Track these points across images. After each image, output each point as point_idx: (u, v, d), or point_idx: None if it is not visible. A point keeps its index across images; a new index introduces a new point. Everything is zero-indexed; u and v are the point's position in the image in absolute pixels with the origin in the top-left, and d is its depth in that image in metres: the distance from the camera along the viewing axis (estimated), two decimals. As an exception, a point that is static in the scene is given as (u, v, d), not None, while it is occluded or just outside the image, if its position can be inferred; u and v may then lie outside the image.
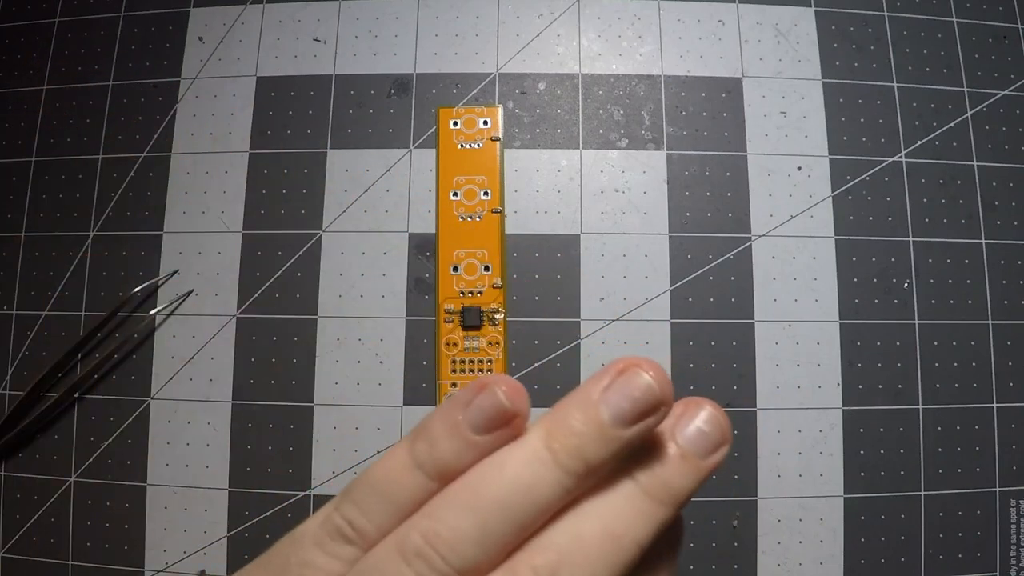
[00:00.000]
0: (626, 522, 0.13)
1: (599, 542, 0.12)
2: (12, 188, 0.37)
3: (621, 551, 0.12)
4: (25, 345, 0.36)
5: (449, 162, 0.36)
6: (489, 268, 0.35)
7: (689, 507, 0.34)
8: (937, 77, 0.37)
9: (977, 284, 0.36)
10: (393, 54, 0.38)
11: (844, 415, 0.35)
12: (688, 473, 0.13)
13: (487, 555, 0.12)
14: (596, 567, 0.12)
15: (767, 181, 0.36)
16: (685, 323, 0.35)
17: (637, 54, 0.38)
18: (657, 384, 0.13)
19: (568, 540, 0.12)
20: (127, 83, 0.38)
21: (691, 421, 0.14)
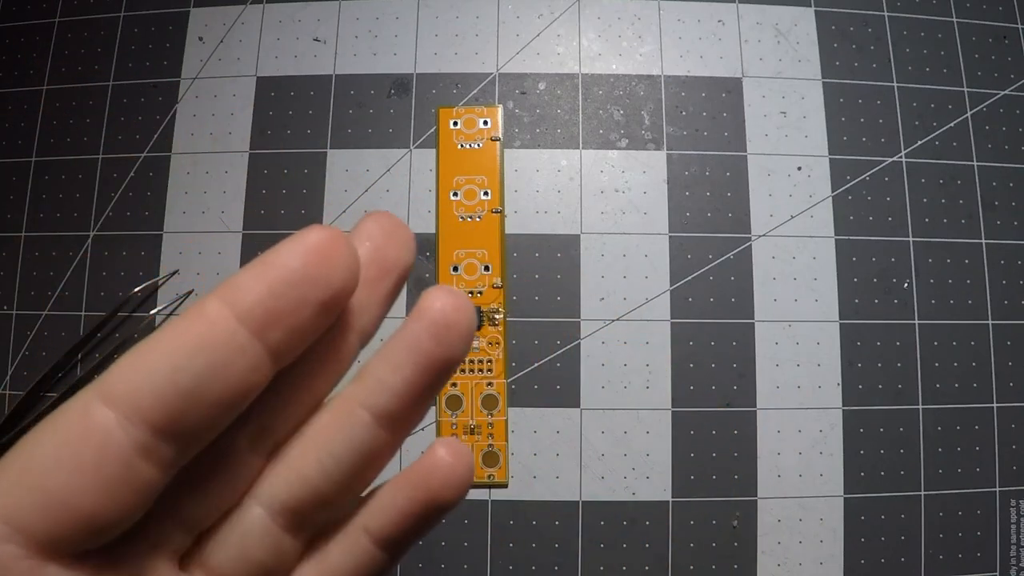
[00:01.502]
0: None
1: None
2: (12, 188, 0.37)
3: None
4: (25, 345, 0.36)
5: (449, 162, 0.36)
6: (489, 268, 0.35)
7: (689, 507, 0.34)
8: (937, 77, 0.37)
9: (977, 284, 0.36)
10: (393, 54, 0.38)
11: (844, 415, 0.35)
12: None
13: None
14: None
15: (767, 181, 0.36)
16: (685, 323, 0.35)
17: (637, 54, 0.38)
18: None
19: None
20: (127, 83, 0.38)
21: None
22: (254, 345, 0.11)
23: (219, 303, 0.11)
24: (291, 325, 0.11)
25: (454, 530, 0.34)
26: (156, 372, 0.10)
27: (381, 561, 0.14)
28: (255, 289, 0.11)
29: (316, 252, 0.11)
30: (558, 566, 0.33)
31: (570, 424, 0.34)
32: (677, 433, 0.34)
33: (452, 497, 0.13)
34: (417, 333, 0.12)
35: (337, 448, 0.13)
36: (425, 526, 0.13)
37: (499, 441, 0.34)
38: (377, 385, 0.12)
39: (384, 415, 0.12)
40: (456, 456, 0.13)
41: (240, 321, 0.11)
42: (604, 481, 0.34)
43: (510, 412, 0.34)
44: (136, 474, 0.11)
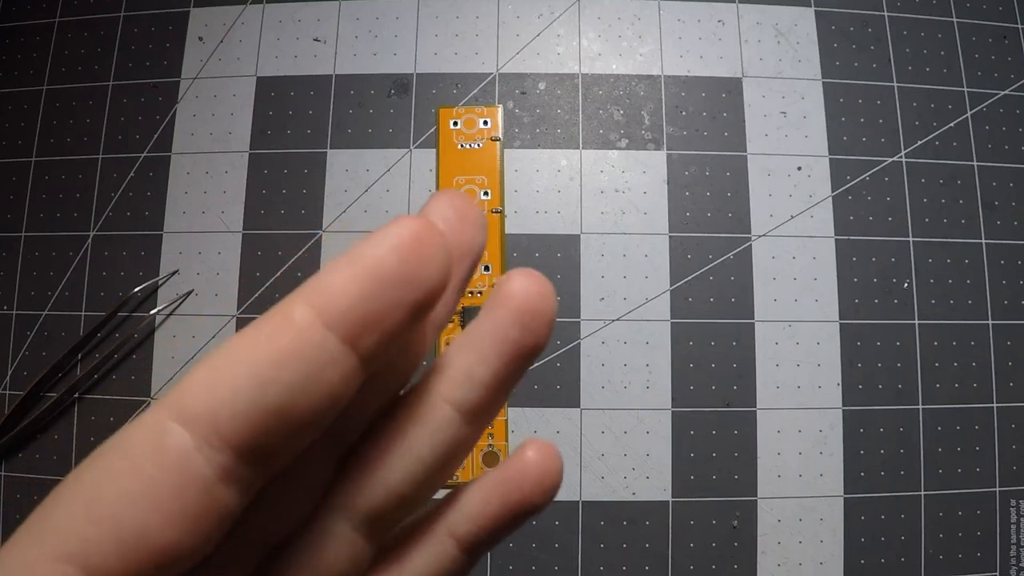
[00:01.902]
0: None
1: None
2: (12, 188, 0.37)
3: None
4: (25, 345, 0.36)
5: (449, 162, 0.36)
6: (489, 268, 0.35)
7: (689, 507, 0.34)
8: (937, 77, 0.37)
9: (977, 284, 0.36)
10: (393, 54, 0.38)
11: (844, 415, 0.35)
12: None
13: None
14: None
15: (767, 181, 0.36)
16: (685, 323, 0.35)
17: (637, 54, 0.38)
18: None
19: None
20: (127, 83, 0.38)
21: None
22: (346, 354, 0.10)
23: (306, 307, 0.10)
24: (385, 330, 0.10)
25: (454, 530, 0.34)
26: (239, 388, 0.09)
27: (462, 564, 0.13)
28: (347, 292, 0.09)
29: (411, 248, 0.10)
30: (558, 566, 0.33)
31: (570, 424, 0.34)
32: (677, 433, 0.34)
33: (544, 500, 0.12)
34: (502, 322, 0.11)
35: (422, 449, 0.12)
36: (512, 530, 0.13)
37: (499, 441, 0.34)
38: (463, 378, 0.12)
39: (470, 409, 0.12)
40: (547, 458, 0.12)
41: (330, 328, 0.09)
42: (604, 481, 0.34)
43: (510, 412, 0.34)
44: (217, 501, 0.10)
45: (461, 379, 0.12)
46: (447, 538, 0.13)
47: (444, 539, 0.13)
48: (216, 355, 0.10)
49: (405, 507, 0.12)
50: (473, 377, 0.12)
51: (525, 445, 0.12)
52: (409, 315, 0.10)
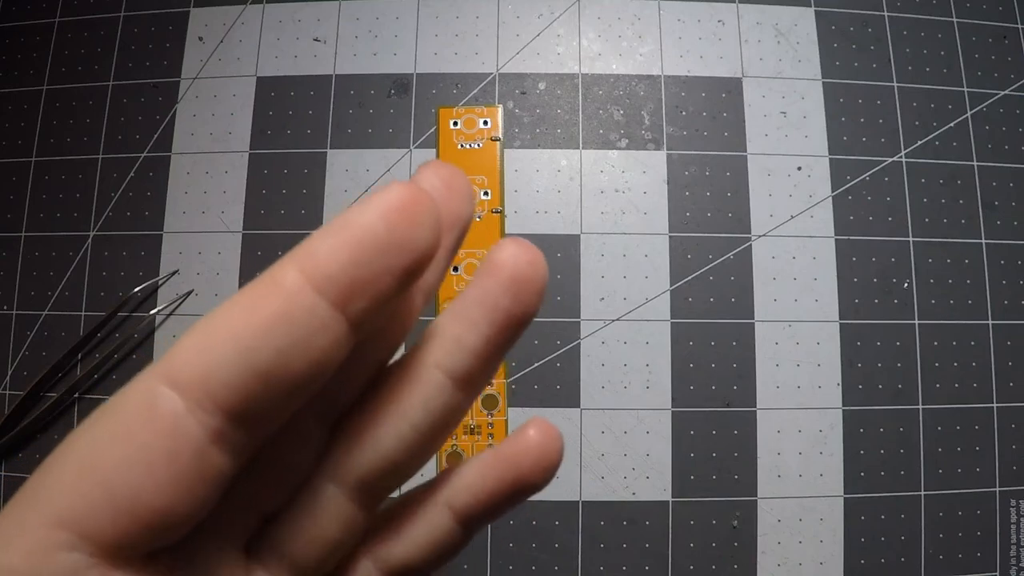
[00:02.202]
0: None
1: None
2: (12, 188, 0.37)
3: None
4: (25, 345, 0.36)
5: (449, 162, 0.36)
6: (489, 268, 0.35)
7: (689, 507, 0.34)
8: (937, 77, 0.37)
9: (977, 284, 0.36)
10: (393, 54, 0.38)
11: (844, 415, 0.35)
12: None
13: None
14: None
15: (767, 181, 0.36)
16: (685, 323, 0.35)
17: (637, 54, 0.38)
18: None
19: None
20: (127, 83, 0.38)
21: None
22: (335, 319, 0.10)
23: (296, 272, 0.10)
24: (374, 294, 0.10)
25: (454, 530, 0.34)
26: (229, 352, 0.09)
27: (458, 537, 0.13)
28: (336, 256, 0.10)
29: (400, 212, 0.10)
30: (558, 566, 0.33)
31: (570, 424, 0.34)
32: (677, 433, 0.34)
33: (543, 479, 0.13)
34: (492, 290, 0.11)
35: (415, 414, 0.12)
36: (508, 507, 0.13)
37: (499, 441, 0.34)
38: (453, 345, 0.12)
39: (461, 375, 0.12)
40: (547, 438, 0.12)
41: (320, 292, 0.10)
42: (604, 481, 0.34)
43: (510, 412, 0.34)
44: (210, 464, 0.10)
45: (452, 346, 0.12)
46: (445, 510, 0.13)
47: (442, 511, 0.13)
48: (207, 320, 0.10)
49: (397, 474, 0.12)
50: (464, 344, 0.12)
51: (528, 424, 0.13)
52: (398, 280, 0.10)
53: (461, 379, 0.12)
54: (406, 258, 0.10)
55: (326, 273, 0.10)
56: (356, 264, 0.10)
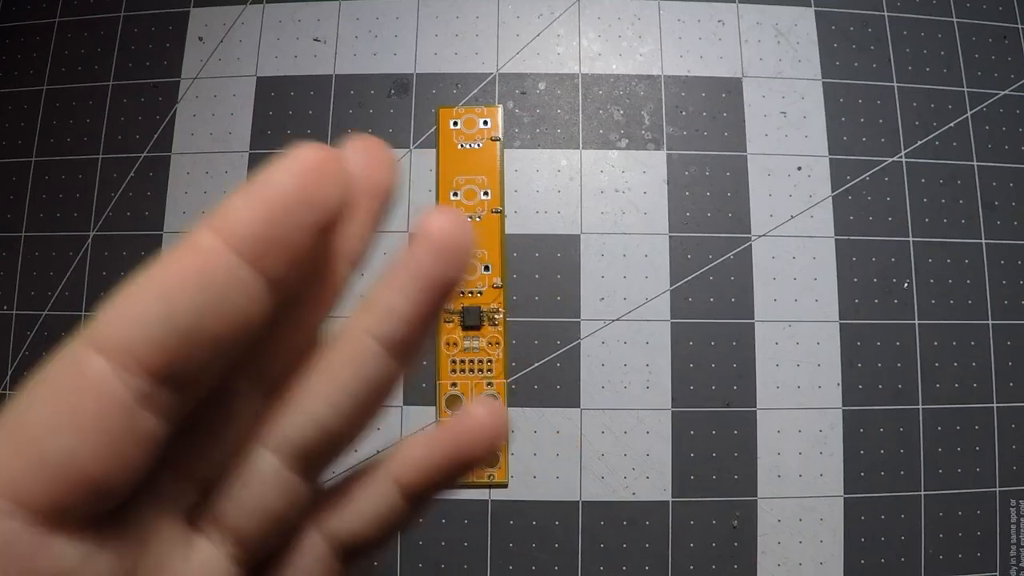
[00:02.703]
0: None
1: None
2: (12, 188, 0.37)
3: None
4: (25, 345, 0.36)
5: (449, 162, 0.36)
6: (489, 268, 0.35)
7: (689, 507, 0.34)
8: (937, 77, 0.37)
9: (977, 284, 0.36)
10: (393, 54, 0.38)
11: (844, 415, 0.35)
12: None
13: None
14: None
15: (767, 181, 0.36)
16: (685, 323, 0.35)
17: (637, 54, 0.38)
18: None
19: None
20: (127, 83, 0.38)
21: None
22: (252, 276, 0.10)
23: (212, 234, 0.10)
24: (289, 252, 0.10)
25: (454, 530, 0.34)
26: (150, 314, 0.10)
27: (405, 511, 0.13)
28: (249, 216, 0.10)
29: (310, 172, 0.10)
30: (558, 566, 0.33)
31: (570, 424, 0.34)
32: (677, 433, 0.34)
33: (485, 455, 0.13)
34: (420, 257, 0.12)
35: (348, 381, 0.12)
36: (454, 482, 0.13)
37: (499, 441, 0.34)
38: (385, 312, 0.12)
39: (394, 342, 0.12)
40: (493, 417, 0.13)
41: (236, 252, 0.10)
42: (604, 481, 0.34)
43: (510, 412, 0.34)
44: (139, 426, 0.10)
45: (383, 313, 0.12)
46: (391, 484, 0.13)
47: (388, 484, 0.13)
48: (129, 286, 0.10)
49: (334, 443, 0.13)
50: (394, 310, 0.12)
51: (474, 403, 0.13)
52: (311, 236, 0.10)
53: (393, 345, 0.12)
54: (317, 214, 0.10)
55: (240, 232, 0.10)
56: (268, 222, 0.10)
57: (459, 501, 0.34)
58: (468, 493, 0.34)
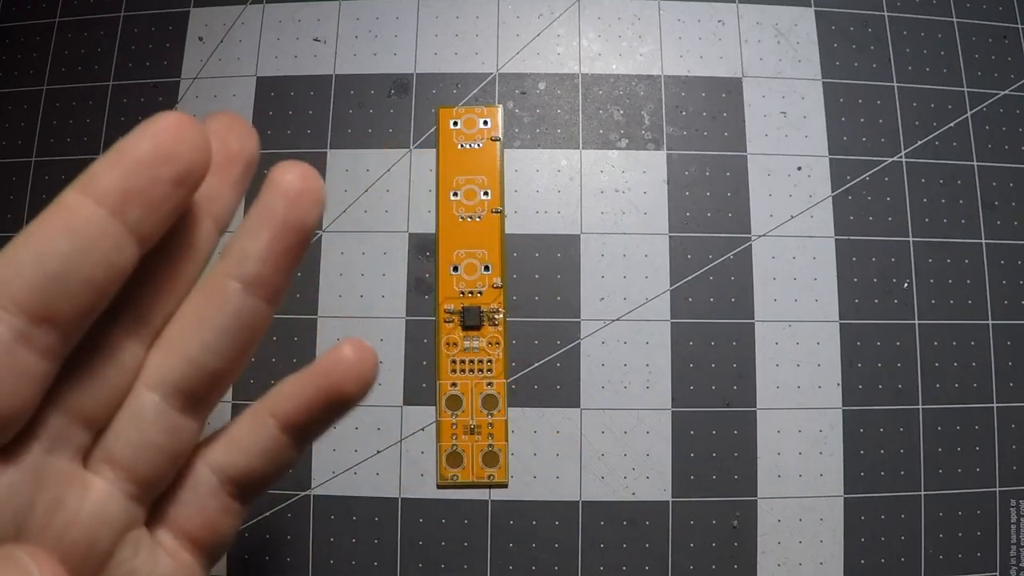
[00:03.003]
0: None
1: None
2: (12, 188, 0.37)
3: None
4: (25, 345, 0.36)
5: (449, 162, 0.36)
6: (489, 268, 0.35)
7: (689, 507, 0.34)
8: (937, 77, 0.37)
9: (977, 284, 0.36)
10: (393, 54, 0.38)
11: (844, 415, 0.35)
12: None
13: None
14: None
15: (767, 181, 0.36)
16: (685, 323, 0.35)
17: (637, 54, 0.38)
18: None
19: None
20: (127, 83, 0.38)
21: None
22: (114, 224, 0.11)
23: (76, 193, 0.11)
24: (148, 202, 0.11)
25: (454, 530, 0.34)
26: (24, 260, 0.11)
27: (286, 446, 0.14)
28: (109, 173, 0.11)
29: (165, 133, 0.11)
30: (558, 566, 0.33)
31: (570, 424, 0.34)
32: (677, 433, 0.34)
33: (355, 391, 0.14)
34: (270, 202, 0.14)
35: (214, 320, 0.13)
36: (328, 417, 0.14)
37: (499, 441, 0.34)
38: (240, 254, 0.13)
39: (252, 281, 0.13)
40: (360, 352, 0.14)
41: (98, 204, 0.11)
42: (604, 481, 0.34)
43: (510, 412, 0.34)
44: (21, 363, 0.11)
45: (239, 255, 0.13)
46: (269, 418, 0.14)
47: (266, 419, 0.14)
48: (7, 244, 0.11)
49: (209, 379, 0.14)
50: (247, 252, 0.13)
51: (343, 341, 0.14)
52: (167, 187, 0.12)
53: (251, 284, 0.13)
54: (173, 168, 0.12)
55: (101, 187, 0.11)
56: (127, 176, 0.11)
57: (459, 501, 0.34)
58: (468, 493, 0.34)
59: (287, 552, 0.34)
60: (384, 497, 0.34)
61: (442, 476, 0.34)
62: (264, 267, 0.13)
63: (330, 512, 0.34)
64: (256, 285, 0.13)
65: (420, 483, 0.34)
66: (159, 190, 0.11)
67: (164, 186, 0.11)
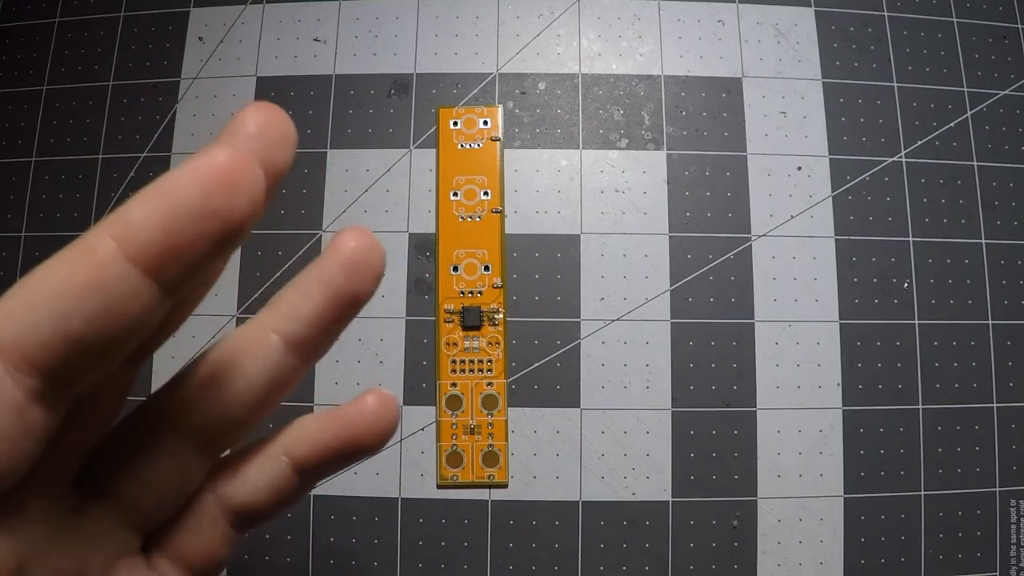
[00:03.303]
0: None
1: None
2: (12, 188, 0.37)
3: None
4: (25, 345, 0.36)
5: (449, 162, 0.36)
6: (489, 268, 0.35)
7: (689, 507, 0.34)
8: (937, 77, 0.37)
9: (977, 284, 0.36)
10: (393, 54, 0.38)
11: (844, 415, 0.35)
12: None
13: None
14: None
15: (767, 181, 0.36)
16: (685, 323, 0.35)
17: (637, 54, 0.38)
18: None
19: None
20: (127, 83, 0.38)
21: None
22: (148, 285, 0.10)
23: (109, 240, 0.10)
24: (187, 262, 0.10)
25: (454, 530, 0.34)
26: (44, 318, 0.10)
27: (295, 485, 0.14)
28: (149, 225, 0.09)
29: (218, 181, 0.10)
30: (558, 566, 0.33)
31: (570, 424, 0.34)
32: (677, 433, 0.34)
33: (373, 443, 0.14)
34: (330, 268, 0.13)
35: (249, 372, 0.13)
36: (342, 463, 0.14)
37: (499, 441, 0.34)
38: (290, 312, 0.13)
39: (295, 341, 0.13)
40: (382, 406, 0.14)
41: (132, 261, 0.10)
42: (604, 481, 0.34)
43: (510, 412, 0.34)
44: (30, 421, 0.10)
45: (288, 313, 0.13)
46: (282, 457, 0.14)
47: (279, 457, 0.14)
48: (24, 285, 0.10)
49: (234, 429, 0.13)
50: (298, 312, 0.13)
51: (367, 392, 0.14)
52: (213, 247, 0.10)
53: (294, 344, 0.13)
54: (222, 226, 0.10)
55: (139, 242, 0.10)
56: (169, 233, 0.10)
57: (459, 501, 0.34)
58: (468, 493, 0.34)
59: (287, 552, 0.34)
60: (384, 497, 0.34)
61: (442, 476, 0.34)
62: (310, 330, 0.13)
63: (330, 512, 0.34)
64: (298, 345, 0.13)
65: (420, 483, 0.34)
66: (202, 249, 0.10)
67: (210, 246, 0.10)
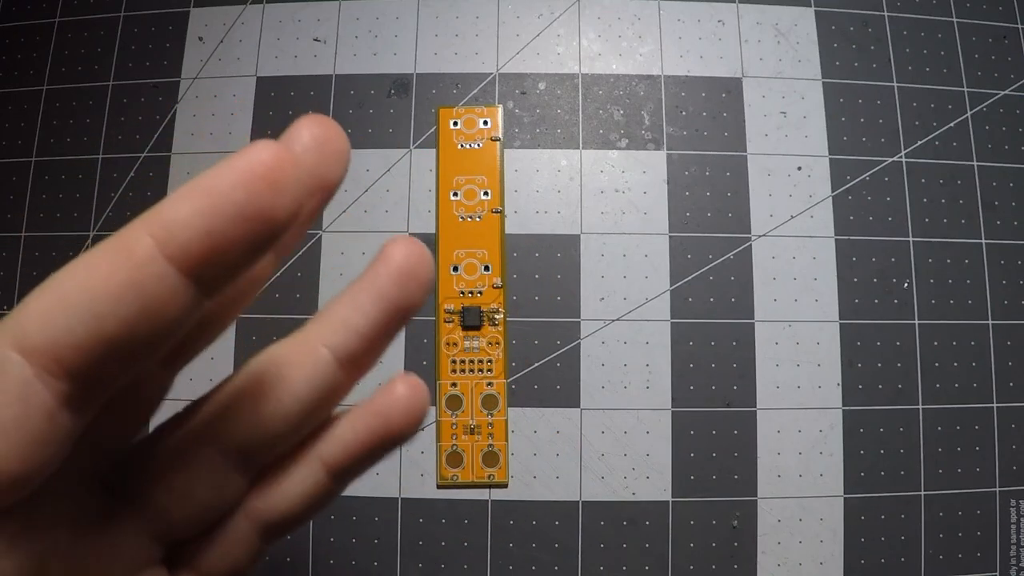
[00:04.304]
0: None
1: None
2: (12, 188, 0.37)
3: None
4: (25, 345, 0.36)
5: (449, 162, 0.36)
6: (489, 268, 0.35)
7: (689, 507, 0.34)
8: (937, 77, 0.37)
9: (977, 284, 0.36)
10: (393, 54, 0.38)
11: (844, 415, 0.35)
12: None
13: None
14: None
15: (767, 181, 0.36)
16: (685, 323, 0.35)
17: (637, 54, 0.38)
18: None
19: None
20: (127, 83, 0.38)
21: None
22: (186, 286, 0.09)
23: (147, 239, 0.09)
24: (227, 263, 0.09)
25: (454, 530, 0.34)
26: (77, 319, 0.09)
27: (330, 489, 0.14)
28: (190, 224, 0.09)
29: (263, 180, 0.09)
30: (558, 566, 0.33)
31: (570, 424, 0.34)
32: (677, 433, 0.34)
33: (410, 431, 0.13)
34: (382, 279, 0.13)
35: (298, 387, 0.12)
36: (377, 458, 0.14)
37: (499, 441, 0.34)
38: (341, 326, 0.13)
39: (345, 355, 0.13)
40: (413, 391, 0.13)
41: (171, 261, 0.09)
42: (604, 481, 0.34)
43: (510, 412, 0.34)
44: (59, 426, 0.10)
45: (339, 326, 0.13)
46: (318, 464, 0.13)
47: (315, 465, 0.13)
48: (56, 282, 0.09)
49: (276, 445, 0.13)
50: (350, 325, 0.13)
51: (395, 380, 0.13)
52: (254, 248, 0.10)
53: (345, 358, 0.13)
54: (263, 227, 0.09)
55: (178, 242, 0.09)
56: (210, 233, 0.09)
57: (459, 501, 0.34)
58: (468, 493, 0.34)
59: (287, 552, 0.34)
60: (384, 497, 0.34)
61: (442, 476, 0.34)
62: (363, 343, 0.13)
63: (330, 512, 0.34)
64: (348, 359, 0.13)
65: (420, 483, 0.34)
66: (243, 250, 0.09)
67: (250, 247, 0.09)
